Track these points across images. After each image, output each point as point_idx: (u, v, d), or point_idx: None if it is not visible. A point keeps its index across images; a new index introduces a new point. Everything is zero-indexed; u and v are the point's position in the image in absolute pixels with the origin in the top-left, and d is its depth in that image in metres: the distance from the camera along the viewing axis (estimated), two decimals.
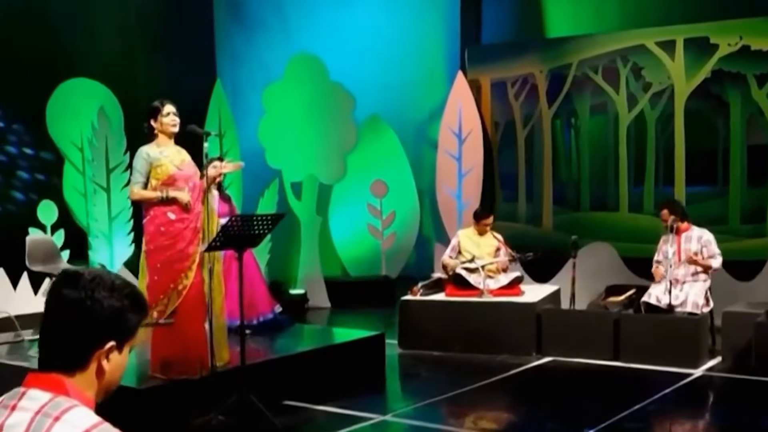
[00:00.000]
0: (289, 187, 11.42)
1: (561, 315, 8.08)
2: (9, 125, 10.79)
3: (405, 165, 12.04)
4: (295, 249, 11.51)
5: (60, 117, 10.82)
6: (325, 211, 11.66)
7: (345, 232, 11.82)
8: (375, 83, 11.73)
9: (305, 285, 11.36)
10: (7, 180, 11.30)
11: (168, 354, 5.83)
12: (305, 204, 11.41)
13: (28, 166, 11.06)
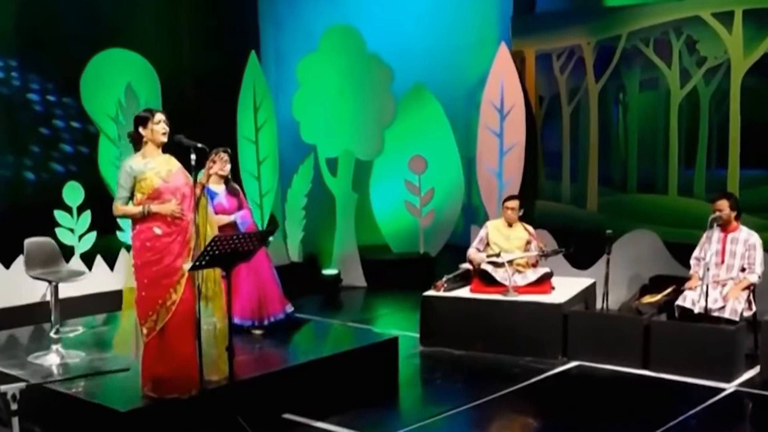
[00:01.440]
0: (324, 163, 11.10)
1: (588, 318, 7.63)
2: (59, 98, 10.68)
3: (449, 136, 11.58)
4: (330, 227, 11.22)
5: (94, 88, 10.67)
6: (361, 188, 11.30)
7: (382, 210, 11.47)
8: (416, 52, 11.26)
9: (340, 264, 11.10)
10: (47, 152, 11.26)
11: (159, 372, 5.64)
12: (340, 180, 11.08)
13: (70, 138, 10.97)
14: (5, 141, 10.95)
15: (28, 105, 11.15)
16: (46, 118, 10.94)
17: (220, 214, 7.24)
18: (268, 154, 11.19)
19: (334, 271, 11.02)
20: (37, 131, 11.20)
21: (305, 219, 11.10)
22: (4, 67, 10.38)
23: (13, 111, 11.06)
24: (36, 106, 11.18)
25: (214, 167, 7.30)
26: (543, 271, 8.04)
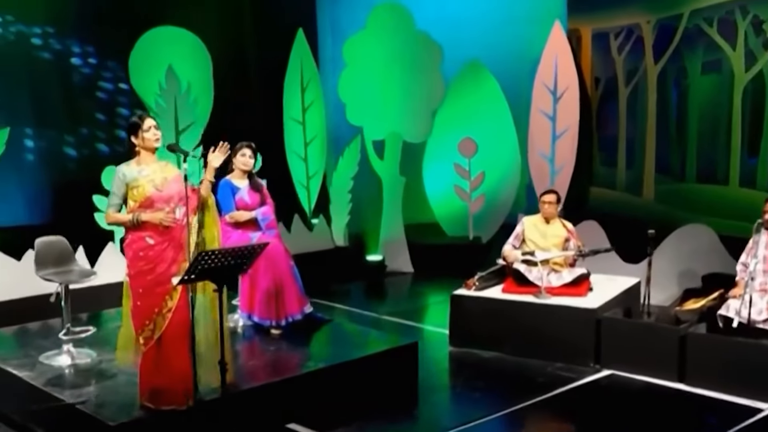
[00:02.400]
0: (370, 146, 10.83)
1: (622, 325, 7.19)
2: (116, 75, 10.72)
3: (506, 116, 11.13)
4: (377, 211, 10.98)
5: (143, 67, 10.63)
6: (409, 171, 11.00)
7: (430, 194, 11.15)
8: (468, 29, 10.82)
9: (386, 249, 10.86)
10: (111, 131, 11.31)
11: (156, 383, 5.54)
12: (387, 163, 10.82)
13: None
14: (67, 120, 11.06)
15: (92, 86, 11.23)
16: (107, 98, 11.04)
17: (242, 209, 7.09)
18: (316, 135, 10.98)
19: (379, 257, 10.79)
20: (96, 109, 11.30)
21: (351, 203, 10.87)
22: (66, 44, 10.53)
23: (72, 90, 11.16)
24: (97, 88, 11.25)
25: (237, 162, 7.16)
26: (579, 272, 7.64)
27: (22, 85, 10.73)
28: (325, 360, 6.44)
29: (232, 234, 7.12)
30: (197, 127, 11.13)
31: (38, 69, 10.85)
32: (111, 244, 9.04)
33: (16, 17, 10.05)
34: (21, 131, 10.79)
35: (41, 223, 9.70)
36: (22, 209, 10.60)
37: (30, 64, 10.69)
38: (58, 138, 11.01)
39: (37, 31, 10.97)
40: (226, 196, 7.11)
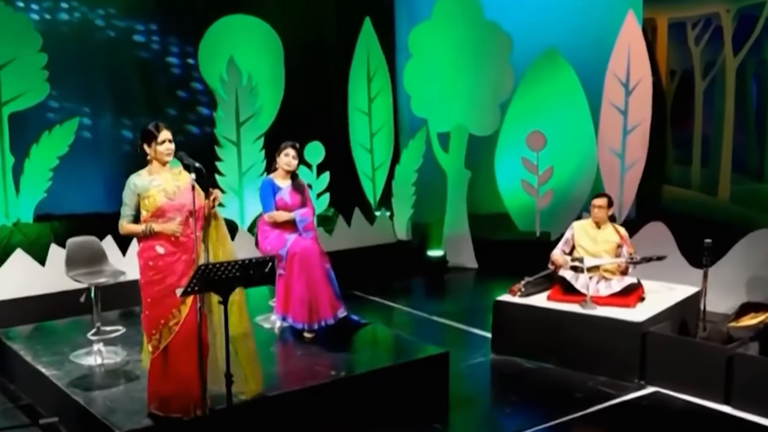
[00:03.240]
0: (435, 138, 10.59)
1: (668, 341, 6.79)
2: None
3: (583, 108, 10.69)
4: (441, 205, 10.75)
5: (212, 54, 10.70)
6: (474, 165, 10.71)
7: (496, 189, 10.85)
8: (539, 19, 10.41)
9: (450, 244, 10.64)
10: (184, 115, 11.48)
11: (163, 391, 5.51)
12: (452, 157, 10.56)
13: (207, 102, 11.11)
14: (144, 103, 11.27)
15: (167, 68, 11.40)
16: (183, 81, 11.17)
17: (282, 209, 7.03)
18: (382, 126, 10.82)
19: (440, 253, 10.58)
20: (174, 94, 11.47)
21: (415, 195, 10.68)
22: (144, 32, 10.70)
23: (151, 74, 11.36)
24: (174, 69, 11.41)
25: (280, 162, 7.08)
26: (629, 281, 7.26)
27: (101, 73, 10.99)
28: (348, 369, 6.31)
29: (270, 234, 7.08)
30: (265, 117, 11.17)
31: (118, 58, 11.09)
32: None
33: (90, 6, 10.29)
34: (99, 119, 11.07)
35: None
36: (101, 196, 10.84)
37: (109, 54, 10.93)
38: (135, 126, 11.24)
39: (120, 24, 11.23)
40: (266, 195, 7.07)
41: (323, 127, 10.41)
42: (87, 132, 10.46)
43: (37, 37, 9.73)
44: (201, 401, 5.42)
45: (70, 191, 10.49)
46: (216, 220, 5.60)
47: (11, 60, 9.55)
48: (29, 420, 5.82)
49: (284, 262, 6.92)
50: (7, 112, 9.65)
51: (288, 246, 6.91)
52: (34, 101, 9.76)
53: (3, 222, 9.72)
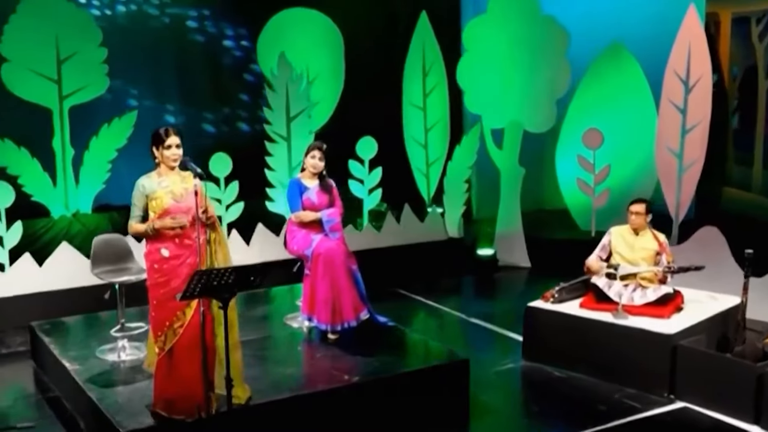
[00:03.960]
0: (489, 135, 10.41)
1: (697, 356, 6.51)
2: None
3: (648, 104, 10.34)
4: (494, 202, 10.57)
5: (271, 48, 10.80)
6: (529, 162, 10.48)
7: (551, 187, 10.62)
8: (599, 13, 10.10)
9: (502, 242, 10.45)
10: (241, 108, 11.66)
11: (168, 392, 5.57)
12: (506, 153, 10.36)
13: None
14: (204, 95, 11.47)
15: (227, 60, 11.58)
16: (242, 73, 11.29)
17: (309, 209, 7.00)
18: (438, 121, 10.70)
19: (490, 252, 10.41)
20: (233, 86, 11.64)
21: (467, 193, 10.52)
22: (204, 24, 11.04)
23: (211, 66, 11.55)
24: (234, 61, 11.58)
25: (307, 163, 7.07)
26: (664, 291, 6.99)
27: (160, 66, 11.24)
28: (363, 373, 6.27)
29: (297, 234, 7.08)
30: (324, 111, 11.21)
31: (177, 50, 11.32)
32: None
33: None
34: (157, 111, 11.32)
35: None
36: None
37: (168, 46, 11.18)
38: (198, 116, 11.48)
39: (191, 13, 11.46)
40: (293, 195, 7.06)
41: (376, 122, 10.35)
42: (145, 124, 10.66)
43: (98, 32, 9.97)
44: (204, 403, 5.48)
45: (129, 183, 10.72)
46: (215, 230, 5.61)
47: (72, 54, 9.81)
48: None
49: (310, 262, 6.92)
50: (68, 105, 9.92)
51: (313, 246, 6.90)
52: (95, 95, 10.03)
53: (62, 212, 10.03)
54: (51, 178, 9.90)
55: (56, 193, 10.01)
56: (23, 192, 9.65)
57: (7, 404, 6.58)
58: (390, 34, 11.01)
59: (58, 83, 9.82)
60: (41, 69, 9.68)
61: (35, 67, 9.64)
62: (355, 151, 10.14)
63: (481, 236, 10.67)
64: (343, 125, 10.71)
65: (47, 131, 9.87)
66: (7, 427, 6.04)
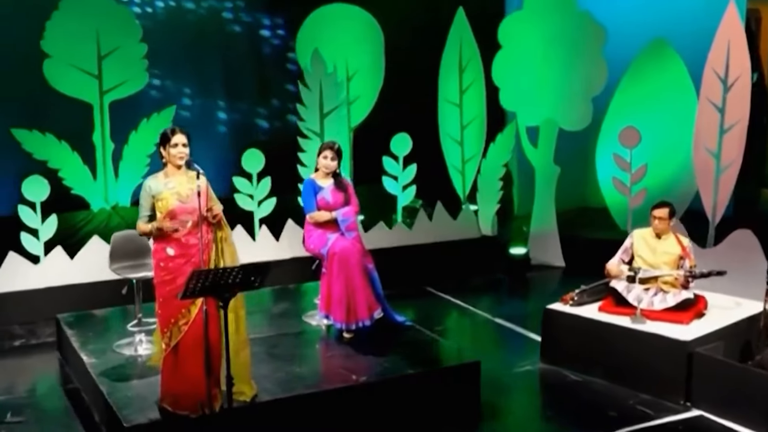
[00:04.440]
0: (524, 132, 10.30)
1: (714, 364, 6.37)
2: None
3: (691, 102, 10.10)
4: (528, 201, 10.47)
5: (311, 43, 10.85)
6: (564, 160, 10.33)
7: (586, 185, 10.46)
8: (637, 9, 9.90)
9: (536, 241, 10.34)
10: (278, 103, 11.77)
11: (173, 388, 5.67)
12: (541, 152, 10.24)
13: None
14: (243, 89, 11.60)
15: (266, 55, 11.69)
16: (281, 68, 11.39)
17: (324, 209, 7.05)
18: (474, 118, 10.62)
19: (522, 251, 10.31)
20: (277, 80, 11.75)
21: (501, 191, 10.44)
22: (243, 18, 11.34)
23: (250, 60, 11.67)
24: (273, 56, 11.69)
25: (319, 163, 7.11)
26: (685, 296, 6.85)
27: (199, 61, 11.39)
28: (371, 374, 6.29)
29: (314, 233, 7.14)
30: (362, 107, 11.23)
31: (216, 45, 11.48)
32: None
33: None
34: (196, 106, 11.48)
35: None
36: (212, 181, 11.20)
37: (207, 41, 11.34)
38: (249, 110, 11.62)
39: (228, 5, 11.60)
40: (308, 195, 7.11)
41: (411, 119, 10.33)
42: (185, 118, 10.84)
43: (138, 28, 10.15)
44: (208, 400, 5.56)
45: None
46: (221, 229, 5.68)
47: (113, 50, 10.00)
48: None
49: (326, 261, 6.97)
50: (109, 101, 10.12)
51: (328, 245, 6.94)
52: (134, 90, 10.21)
53: (102, 205, 10.25)
54: (91, 171, 10.12)
55: (96, 187, 10.22)
56: (64, 185, 9.89)
57: (27, 394, 6.77)
58: (428, 30, 10.95)
59: (99, 78, 10.02)
60: (82, 64, 9.88)
61: (76, 63, 9.85)
62: (389, 148, 10.14)
63: (513, 235, 10.57)
64: (382, 122, 10.73)
65: (88, 126, 10.09)
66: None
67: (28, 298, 8.28)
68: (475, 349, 7.79)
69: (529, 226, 10.44)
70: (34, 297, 8.32)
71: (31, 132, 9.73)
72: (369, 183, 10.50)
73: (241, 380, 5.80)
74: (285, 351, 6.73)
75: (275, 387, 6.03)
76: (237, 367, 5.74)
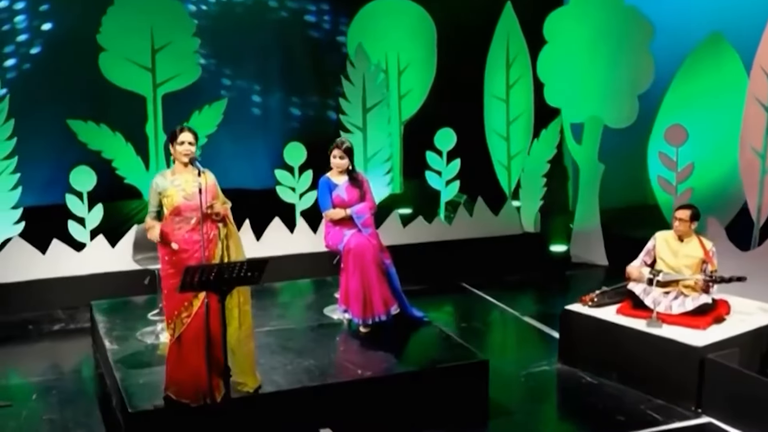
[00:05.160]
0: (568, 129, 10.19)
1: (725, 371, 6.23)
2: None
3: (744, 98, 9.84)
4: (571, 198, 10.36)
5: (363, 37, 11.00)
6: (609, 158, 10.17)
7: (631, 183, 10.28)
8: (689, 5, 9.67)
9: (577, 240, 10.24)
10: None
11: (177, 377, 5.86)
12: (585, 149, 10.11)
13: None
14: (300, 84, 11.82)
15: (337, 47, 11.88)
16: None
17: (339, 207, 7.14)
18: (521, 114, 10.57)
19: (563, 248, 10.21)
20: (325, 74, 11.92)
21: (545, 187, 10.35)
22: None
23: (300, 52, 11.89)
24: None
25: (331, 161, 7.21)
26: (703, 301, 6.72)
27: (249, 54, 11.64)
28: (376, 369, 6.37)
29: (331, 229, 7.26)
30: (414, 100, 11.31)
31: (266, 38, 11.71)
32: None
33: None
34: (244, 99, 11.74)
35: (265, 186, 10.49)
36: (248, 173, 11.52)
37: (257, 35, 11.57)
38: (296, 103, 11.81)
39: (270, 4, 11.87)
40: (323, 193, 7.21)
41: (456, 114, 10.35)
42: (234, 112, 11.09)
43: (191, 23, 10.44)
44: (209, 390, 5.73)
45: (217, 168, 11.19)
46: (226, 225, 5.84)
47: (166, 44, 10.31)
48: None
49: (342, 257, 7.08)
50: (162, 93, 10.44)
51: (344, 242, 7.05)
52: (187, 82, 10.51)
53: None
54: (144, 162, 10.47)
55: (148, 177, 10.52)
56: (117, 175, 10.27)
57: (57, 377, 7.09)
58: (475, 25, 10.93)
59: (152, 72, 10.35)
60: (137, 58, 10.23)
61: (131, 56, 10.21)
62: (433, 143, 10.18)
63: (556, 232, 10.49)
64: (428, 117, 10.80)
65: (141, 117, 10.44)
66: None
67: (70, 284, 8.62)
68: (494, 348, 7.81)
69: (569, 223, 10.32)
70: (76, 283, 8.66)
71: (86, 123, 10.13)
72: (416, 178, 10.61)
73: (244, 372, 5.97)
74: (299, 344, 6.85)
75: (281, 379, 6.15)
76: (240, 359, 5.93)
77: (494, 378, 6.49)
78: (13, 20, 10.93)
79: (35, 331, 8.13)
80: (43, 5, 10.99)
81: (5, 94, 9.44)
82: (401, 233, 9.73)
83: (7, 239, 8.64)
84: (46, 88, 10.69)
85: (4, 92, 10.60)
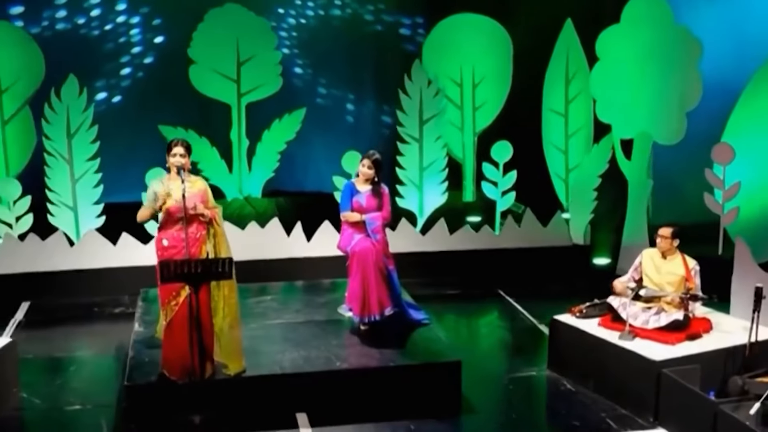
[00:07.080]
0: (618, 144, 10.34)
1: (675, 386, 6.41)
2: None
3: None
4: (620, 213, 10.49)
5: (438, 50, 11.57)
6: (658, 174, 10.26)
7: (678, 201, 10.30)
8: (737, 22, 9.64)
9: (625, 254, 10.35)
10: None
11: (170, 357, 6.70)
12: (635, 164, 10.23)
13: None
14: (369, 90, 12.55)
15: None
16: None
17: (357, 211, 7.75)
18: (580, 128, 10.83)
19: (606, 261, 10.36)
20: None
21: (596, 201, 10.54)
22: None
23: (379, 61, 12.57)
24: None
25: (359, 170, 7.81)
26: (675, 317, 6.93)
27: (328, 65, 12.44)
28: (353, 362, 7.00)
29: (345, 232, 7.88)
30: (488, 112, 11.76)
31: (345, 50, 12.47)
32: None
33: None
34: (325, 107, 12.53)
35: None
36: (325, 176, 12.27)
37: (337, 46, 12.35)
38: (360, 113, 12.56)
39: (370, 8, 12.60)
40: (344, 196, 7.83)
41: (514, 126, 10.74)
42: (312, 120, 11.91)
43: (273, 37, 11.37)
44: (194, 370, 6.53)
45: (296, 172, 12.11)
46: (213, 226, 6.64)
47: (251, 57, 11.28)
48: None
49: (348, 258, 7.72)
50: (245, 102, 11.42)
51: (352, 245, 7.67)
52: (269, 93, 11.44)
53: (236, 195, 11.59)
54: (227, 165, 11.49)
55: (231, 179, 11.58)
56: (202, 176, 11.29)
57: (93, 355, 8.09)
58: (531, 41, 11.26)
59: (237, 82, 11.35)
60: (223, 69, 11.27)
61: (218, 68, 11.24)
62: (489, 154, 10.61)
63: (604, 245, 10.64)
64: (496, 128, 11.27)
65: (226, 124, 11.45)
66: None
67: (137, 273, 9.62)
68: (491, 352, 8.24)
69: (617, 237, 10.47)
70: (141, 272, 9.66)
71: (175, 129, 11.21)
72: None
73: (229, 357, 6.76)
74: (299, 336, 7.54)
75: (265, 366, 6.88)
76: (225, 345, 6.75)
77: (478, 379, 7.00)
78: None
79: (98, 314, 9.20)
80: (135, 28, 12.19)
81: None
82: (447, 240, 10.21)
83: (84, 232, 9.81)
84: (146, 97, 11.89)
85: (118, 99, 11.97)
